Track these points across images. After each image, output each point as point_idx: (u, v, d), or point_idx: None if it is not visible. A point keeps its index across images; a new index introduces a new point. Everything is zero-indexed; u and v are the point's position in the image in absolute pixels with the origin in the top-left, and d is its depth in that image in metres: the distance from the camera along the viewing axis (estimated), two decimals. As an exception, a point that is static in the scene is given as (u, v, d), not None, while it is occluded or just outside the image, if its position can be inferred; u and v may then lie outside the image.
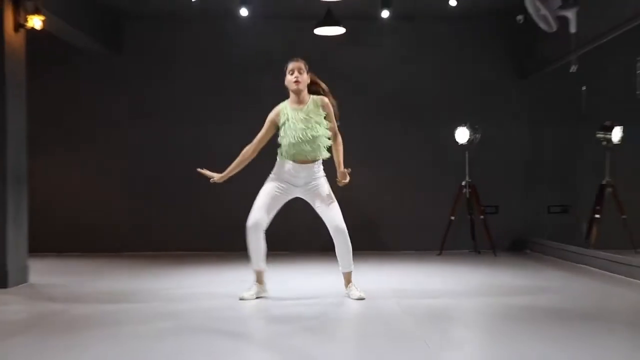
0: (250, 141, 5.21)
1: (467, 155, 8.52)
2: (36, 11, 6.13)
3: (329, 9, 7.64)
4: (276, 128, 5.14)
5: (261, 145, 5.15)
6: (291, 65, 5.13)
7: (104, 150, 9.02)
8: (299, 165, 5.06)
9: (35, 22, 6.13)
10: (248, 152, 5.14)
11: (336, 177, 5.12)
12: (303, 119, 5.04)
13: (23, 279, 6.12)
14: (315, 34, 7.94)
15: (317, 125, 5.04)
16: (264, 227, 5.05)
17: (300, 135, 4.99)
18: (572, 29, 7.12)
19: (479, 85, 9.00)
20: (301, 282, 6.24)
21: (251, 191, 5.27)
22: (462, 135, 8.53)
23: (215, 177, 5.19)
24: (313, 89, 5.21)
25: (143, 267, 7.36)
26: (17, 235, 6.04)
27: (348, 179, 5.10)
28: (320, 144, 5.06)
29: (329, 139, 5.13)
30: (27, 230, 6.25)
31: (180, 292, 5.61)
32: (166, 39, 9.05)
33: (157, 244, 8.88)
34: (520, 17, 7.88)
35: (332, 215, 5.05)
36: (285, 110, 5.11)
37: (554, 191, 8.58)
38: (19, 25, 6.04)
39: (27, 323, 4.44)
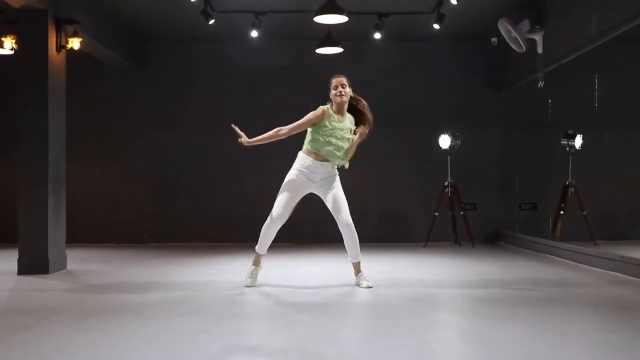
0: (256, 148, 5.16)
1: (449, 159, 8.56)
2: (75, 34, 6.20)
3: (329, 32, 7.71)
4: (312, 125, 4.95)
5: (293, 133, 4.93)
6: (335, 81, 4.99)
7: (131, 154, 9.08)
8: (321, 163, 4.97)
9: (75, 43, 6.20)
10: (280, 132, 4.91)
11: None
12: (347, 130, 4.97)
13: (62, 265, 6.19)
14: (317, 53, 8.00)
15: (350, 139, 5.00)
16: (285, 221, 5.01)
17: (342, 145, 4.93)
18: (540, 49, 7.20)
19: (459, 98, 9.04)
20: (302, 271, 6.21)
21: (267, 188, 5.25)
22: (444, 141, 8.57)
23: (244, 138, 4.95)
24: (353, 104, 5.09)
25: (167, 256, 7.37)
26: (57, 228, 6.11)
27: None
28: (346, 154, 5.02)
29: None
30: (65, 223, 6.31)
31: (200, 279, 5.60)
32: (184, 57, 9.09)
33: (180, 235, 8.90)
34: (494, 39, 7.95)
35: (343, 213, 5.01)
36: (331, 116, 4.94)
37: (525, 190, 8.58)
38: (60, 47, 6.11)
39: (64, 305, 4.47)
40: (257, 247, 5.14)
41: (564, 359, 3.06)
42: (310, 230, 8.35)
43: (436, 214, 8.51)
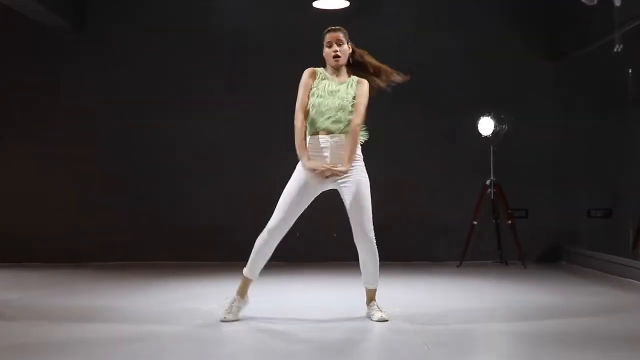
0: (239, 133, 5.07)
1: (491, 149, 8.54)
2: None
3: (331, -21, 7.60)
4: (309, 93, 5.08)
5: (302, 112, 5.05)
6: (328, 37, 5.06)
7: (66, 143, 8.99)
8: (318, 138, 5.02)
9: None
10: (297, 123, 5.03)
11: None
12: (340, 89, 5.04)
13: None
14: (314, 8, 7.88)
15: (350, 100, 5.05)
16: (284, 232, 5.02)
17: (328, 102, 4.99)
18: (617, 2, 7.07)
19: (506, 68, 9.03)
20: (297, 299, 6.24)
21: (254, 191, 5.13)
22: (485, 126, 8.54)
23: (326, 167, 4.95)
24: (361, 71, 5.18)
25: (113, 279, 7.38)
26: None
27: (324, 169, 4.94)
28: (348, 115, 5.03)
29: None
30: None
31: (155, 309, 5.57)
32: (137, 14, 9.07)
33: (134, 252, 8.84)
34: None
35: (364, 218, 5.05)
36: (320, 75, 5.08)
37: (595, 192, 8.59)
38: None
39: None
40: (245, 268, 5.10)
41: None
42: (306, 244, 8.24)
43: (474, 223, 8.50)
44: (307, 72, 5.08)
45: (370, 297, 5.16)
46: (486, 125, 8.51)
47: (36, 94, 8.98)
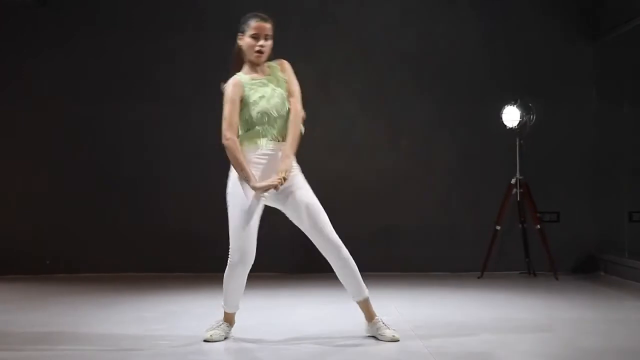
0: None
1: (518, 143, 8.54)
2: None
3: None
4: (240, 106, 5.05)
5: (228, 128, 5.03)
6: (255, 27, 5.03)
7: (29, 136, 9.00)
8: (254, 148, 5.03)
9: None
10: (226, 142, 5.00)
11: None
12: (269, 90, 5.07)
13: None
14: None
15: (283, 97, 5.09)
16: (252, 258, 5.05)
17: (274, 102, 5.03)
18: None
19: (534, 51, 9.04)
20: (290, 314, 6.27)
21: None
22: (511, 116, 8.54)
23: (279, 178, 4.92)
24: None
25: (83, 293, 7.40)
26: None
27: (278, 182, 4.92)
28: (285, 117, 5.08)
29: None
30: None
31: (135, 329, 5.56)
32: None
33: (105, 262, 8.85)
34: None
35: (326, 227, 5.02)
36: (244, 81, 5.07)
37: (636, 192, 8.49)
38: None
39: None
40: (222, 303, 5.22)
41: None
42: (297, 253, 8.17)
43: (498, 227, 8.50)
44: (233, 85, 5.03)
45: (367, 310, 5.14)
46: (512, 116, 8.49)
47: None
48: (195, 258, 8.70)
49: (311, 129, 5.37)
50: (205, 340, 5.03)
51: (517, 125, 8.49)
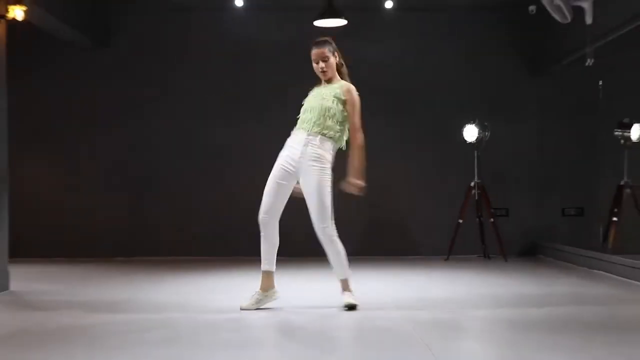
0: (244, 139, 5.11)
1: (476, 154, 8.51)
2: (17, 1, 6.09)
3: (330, 1, 7.62)
4: None
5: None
6: (314, 54, 5.01)
7: (90, 150, 9.01)
8: (294, 134, 5.00)
9: (17, 12, 6.08)
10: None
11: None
12: (325, 93, 5.00)
13: (4, 285, 6.06)
14: (314, 26, 7.89)
15: (333, 99, 4.95)
16: (269, 219, 4.94)
17: (312, 105, 4.97)
18: (588, 20, 7.09)
19: (488, 81, 9.01)
20: (295, 290, 6.14)
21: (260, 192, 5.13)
22: (470, 133, 8.50)
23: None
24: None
25: (134, 273, 7.33)
26: (-3, 240, 6.00)
27: (354, 190, 4.96)
28: (330, 120, 4.93)
29: (341, 129, 5.00)
30: (7, 235, 6.17)
31: (176, 299, 5.57)
32: (155, 33, 9.04)
33: (149, 249, 8.84)
34: (532, 8, 7.87)
35: (312, 214, 4.91)
36: (310, 93, 5.12)
37: (569, 192, 8.62)
38: (-1, 16, 6.02)
39: (5, 334, 4.37)
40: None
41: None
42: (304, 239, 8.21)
43: (460, 221, 8.47)
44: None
45: (343, 287, 5.01)
46: (471, 132, 8.46)
47: (59, 104, 8.97)
48: (225, 245, 8.74)
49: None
50: (241, 309, 4.94)
51: (475, 140, 8.45)
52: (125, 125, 8.97)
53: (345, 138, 5.06)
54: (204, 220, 8.90)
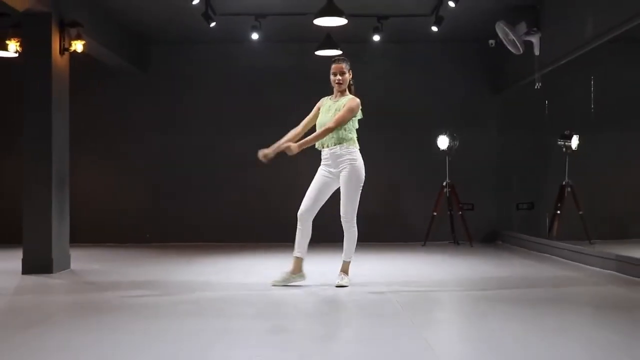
0: (258, 148, 5.11)
1: (447, 159, 8.51)
2: (78, 37, 6.17)
3: (328, 34, 7.69)
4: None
5: (306, 130, 5.00)
6: (333, 68, 4.90)
7: (133, 155, 9.06)
8: (323, 150, 4.89)
9: (78, 46, 6.16)
10: (296, 131, 4.97)
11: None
12: (337, 106, 4.86)
13: (66, 265, 6.16)
14: (316, 55, 7.97)
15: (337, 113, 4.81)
16: (311, 217, 4.84)
17: (325, 119, 4.84)
18: (537, 51, 7.18)
19: (458, 99, 9.02)
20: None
21: (271, 188, 5.14)
22: (442, 142, 8.54)
23: (289, 144, 4.78)
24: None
25: (170, 256, 7.32)
26: (60, 228, 6.08)
27: (286, 150, 4.74)
28: (342, 131, 4.80)
29: (351, 129, 4.85)
30: (68, 223, 6.28)
31: (202, 279, 5.57)
32: (186, 60, 9.07)
33: (183, 235, 8.87)
34: (492, 42, 7.91)
35: (342, 205, 4.82)
36: (325, 100, 5.01)
37: (522, 190, 8.58)
38: (64, 49, 6.08)
39: (67, 304, 4.48)
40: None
41: (563, 358, 3.02)
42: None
43: (434, 213, 8.48)
44: (320, 101, 5.04)
45: (343, 268, 4.91)
46: (443, 141, 8.51)
47: (111, 119, 9.05)
48: (245, 232, 8.77)
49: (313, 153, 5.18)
50: (272, 285, 4.82)
51: (447, 147, 8.48)
52: (160, 137, 9.01)
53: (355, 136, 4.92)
54: (228, 212, 8.93)
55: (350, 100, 4.87)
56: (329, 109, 4.90)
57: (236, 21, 7.82)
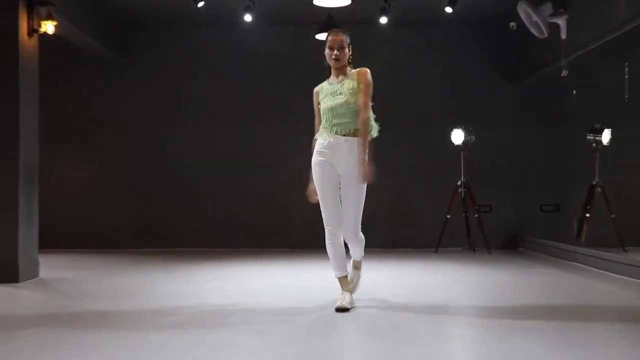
0: (252, 143, 5.08)
1: (462, 156, 8.49)
2: (49, 17, 6.13)
3: (329, 15, 7.62)
4: (318, 108, 4.56)
5: (317, 123, 4.61)
6: (330, 40, 4.44)
7: (114, 151, 9.04)
8: (328, 138, 4.43)
9: (49, 27, 6.13)
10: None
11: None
12: (343, 88, 4.43)
13: (34, 273, 6.11)
14: (316, 39, 7.90)
15: (350, 93, 4.39)
16: (339, 225, 4.46)
17: (337, 102, 4.39)
18: (563, 35, 7.13)
19: (474, 89, 9.00)
20: (300, 278, 6.21)
21: (270, 189, 5.14)
22: (457, 137, 8.53)
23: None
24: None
25: (151, 263, 7.33)
26: (28, 232, 6.03)
27: (365, 177, 4.39)
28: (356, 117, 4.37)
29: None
30: (37, 228, 6.23)
31: (189, 288, 5.57)
32: (172, 45, 9.06)
33: (163, 241, 8.86)
34: (513, 24, 7.84)
35: (351, 217, 4.48)
36: (322, 89, 4.55)
37: (546, 190, 8.55)
38: (32, 31, 6.04)
39: (35, 317, 4.42)
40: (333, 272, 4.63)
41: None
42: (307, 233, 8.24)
43: (448, 216, 8.47)
44: (314, 93, 4.60)
45: (355, 265, 4.80)
46: (458, 136, 8.50)
47: (88, 110, 9.01)
48: (237, 238, 8.77)
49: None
50: (336, 310, 4.35)
51: (462, 143, 8.49)
52: (143, 131, 8.99)
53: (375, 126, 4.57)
54: (218, 215, 8.89)
55: (361, 74, 4.45)
56: (334, 93, 4.45)
57: (227, 1, 7.76)
